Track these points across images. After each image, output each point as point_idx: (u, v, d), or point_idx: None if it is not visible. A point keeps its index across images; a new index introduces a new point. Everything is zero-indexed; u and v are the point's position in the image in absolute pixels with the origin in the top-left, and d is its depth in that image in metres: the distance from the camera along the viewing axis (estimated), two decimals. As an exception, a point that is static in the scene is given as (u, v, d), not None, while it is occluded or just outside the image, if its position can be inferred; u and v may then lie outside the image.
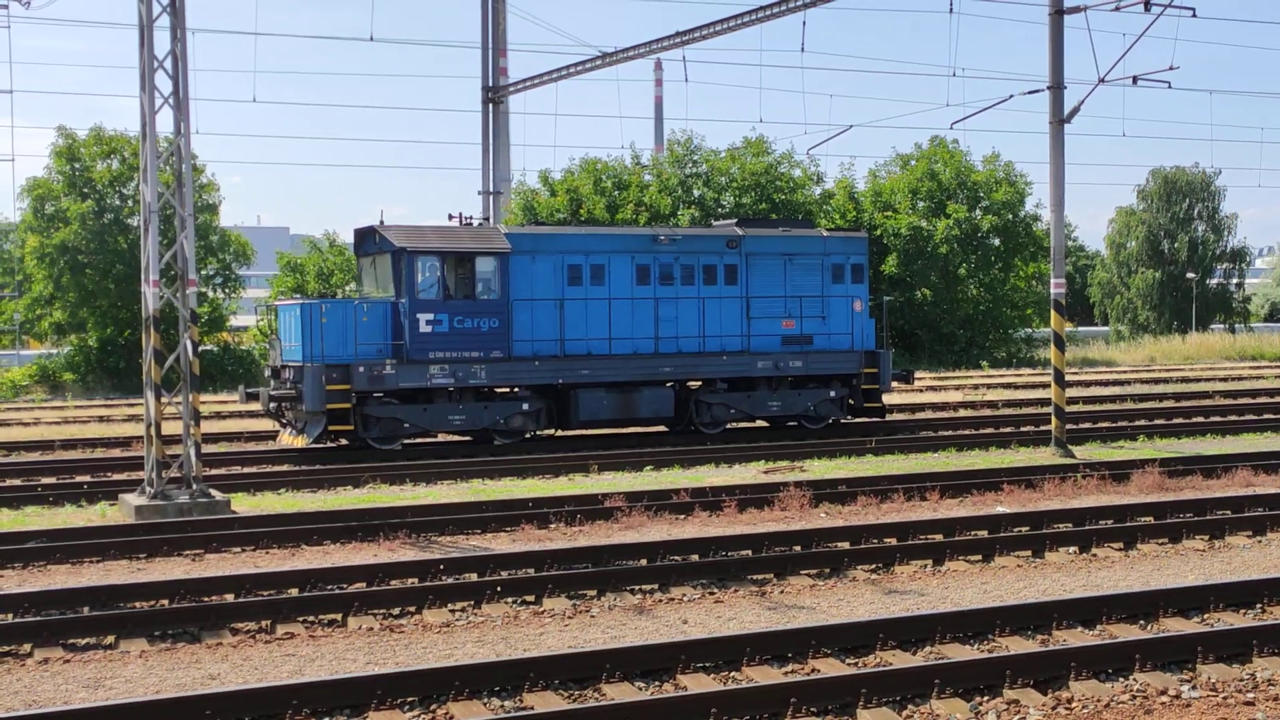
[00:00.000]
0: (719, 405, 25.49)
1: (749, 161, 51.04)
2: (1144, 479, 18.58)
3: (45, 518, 16.91)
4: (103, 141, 44.54)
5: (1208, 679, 9.26)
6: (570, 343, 24.16)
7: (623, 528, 15.66)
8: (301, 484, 19.59)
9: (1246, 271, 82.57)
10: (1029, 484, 18.23)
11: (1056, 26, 22.93)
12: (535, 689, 9.03)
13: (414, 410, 23.19)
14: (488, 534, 15.37)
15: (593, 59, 38.79)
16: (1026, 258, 54.99)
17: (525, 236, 24.49)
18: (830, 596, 12.02)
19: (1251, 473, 19.30)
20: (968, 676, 9.06)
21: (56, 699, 9.14)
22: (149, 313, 16.80)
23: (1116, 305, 78.11)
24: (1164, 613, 10.99)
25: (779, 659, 9.73)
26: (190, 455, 17.02)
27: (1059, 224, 23.66)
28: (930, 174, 54.60)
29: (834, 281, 26.28)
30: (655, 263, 24.86)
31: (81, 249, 42.91)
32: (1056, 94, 22.96)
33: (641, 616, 11.32)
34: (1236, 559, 13.66)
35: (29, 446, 25.07)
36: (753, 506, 16.72)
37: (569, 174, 50.20)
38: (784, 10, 31.46)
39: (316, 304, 23.48)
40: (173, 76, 16.93)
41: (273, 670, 9.78)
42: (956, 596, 11.98)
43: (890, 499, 17.30)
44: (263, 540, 14.66)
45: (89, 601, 11.59)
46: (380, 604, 11.56)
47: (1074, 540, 14.30)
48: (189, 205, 17.12)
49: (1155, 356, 57.94)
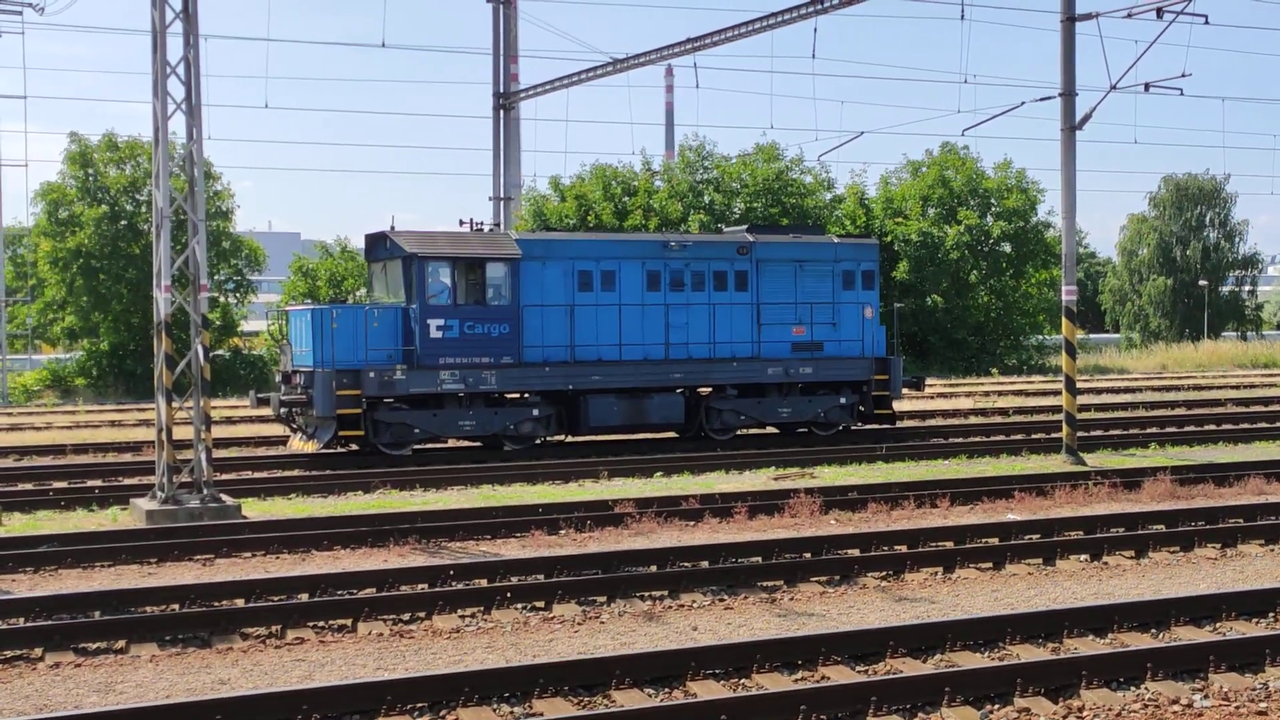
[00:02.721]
0: (729, 411, 25.47)
1: (760, 167, 51.05)
2: (1155, 487, 18.53)
3: (57, 522, 16.95)
4: (116, 147, 44.71)
5: (1220, 688, 9.22)
6: (580, 348, 24.16)
7: (633, 534, 15.65)
8: (312, 489, 19.62)
9: (1259, 279, 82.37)
10: (1040, 491, 18.18)
11: (1068, 33, 22.91)
12: (545, 695, 9.03)
13: (424, 416, 23.21)
14: (498, 540, 15.38)
15: (604, 65, 38.78)
16: (1038, 264, 54.94)
17: (536, 242, 24.51)
18: (840, 603, 12.00)
19: (1264, 481, 19.21)
20: (978, 684, 9.04)
21: (67, 703, 9.16)
22: (161, 318, 16.86)
23: (1128, 312, 77.91)
24: (1176, 621, 10.95)
25: (789, 666, 9.71)
26: (201, 460, 17.06)
27: (1070, 231, 23.63)
28: (941, 180, 54.57)
29: (845, 288, 26.25)
30: (666, 269, 24.86)
31: (94, 254, 43.08)
32: (1068, 101, 22.93)
33: (651, 623, 11.31)
34: (1249, 567, 13.61)
35: (41, 451, 25.15)
36: (763, 513, 16.69)
37: (579, 180, 50.23)
38: (795, 17, 31.41)
39: (328, 309, 23.50)
40: (185, 82, 17.00)
41: (283, 675, 9.79)
42: (967, 604, 11.95)
43: (901, 506, 17.27)
44: (273, 545, 14.69)
45: (100, 606, 11.62)
46: (390, 609, 11.57)
47: (1085, 548, 14.26)
48: (201, 211, 17.18)
49: (1167, 364, 57.80)
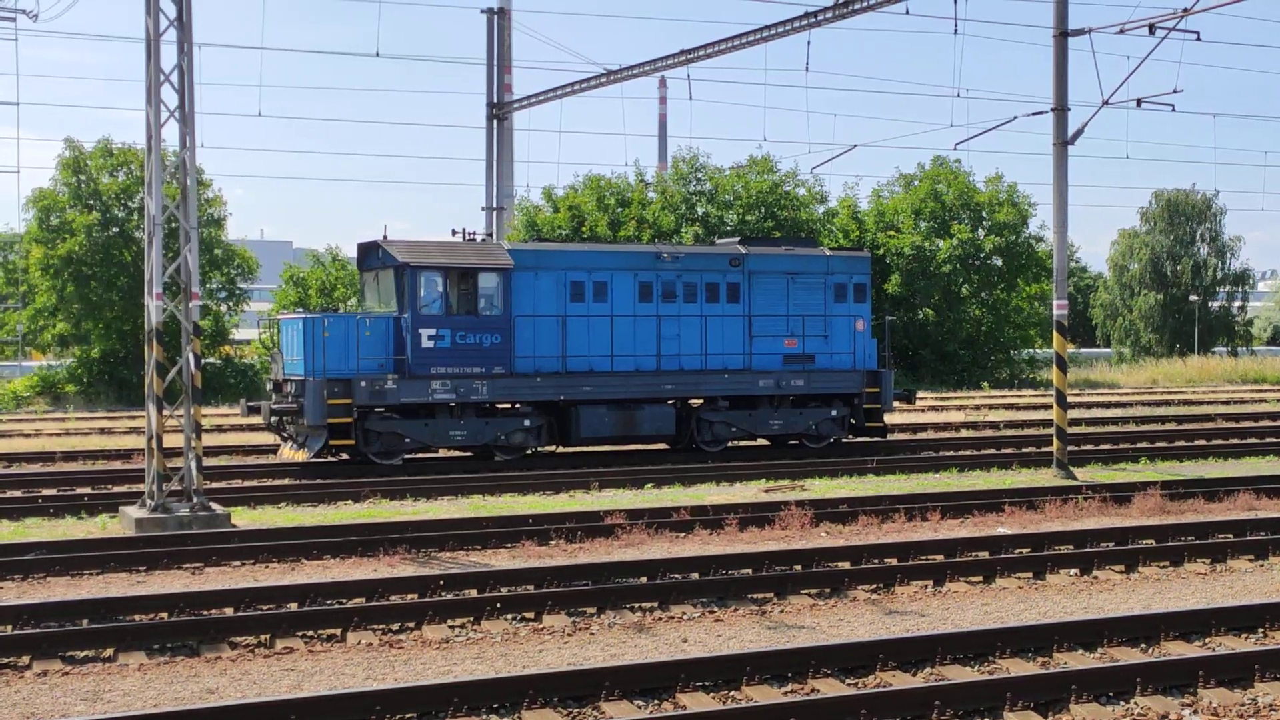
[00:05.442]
0: (720, 423, 25.47)
1: (755, 180, 51.13)
2: (1145, 501, 18.55)
3: (45, 529, 16.88)
4: (110, 154, 44.65)
5: (1209, 703, 9.24)
6: (572, 359, 24.16)
7: (623, 545, 15.64)
8: (302, 498, 19.58)
9: (1249, 294, 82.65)
10: (1030, 505, 18.20)
11: (1061, 49, 23.00)
12: (534, 706, 9.01)
13: (415, 425, 23.19)
14: (488, 550, 15.34)
15: (597, 76, 38.82)
16: (1029, 278, 55.07)
17: (528, 253, 24.52)
18: (830, 616, 12.00)
19: (1253, 496, 19.26)
20: (968, 698, 9.04)
21: (55, 711, 9.13)
22: (152, 325, 16.83)
23: (1119, 327, 78.14)
24: (1165, 636, 10.96)
25: (779, 678, 9.70)
26: (191, 468, 17.02)
27: (1062, 245, 23.70)
28: (933, 194, 54.70)
29: (836, 301, 26.30)
30: (658, 280, 24.87)
31: (86, 261, 42.98)
32: (1060, 116, 23.02)
33: (641, 634, 11.30)
34: (1238, 582, 13.63)
35: (30, 458, 25.07)
36: (753, 525, 16.69)
37: (572, 190, 50.27)
38: (788, 30, 31.48)
39: (319, 318, 23.49)
40: (179, 90, 17.00)
41: (271, 685, 9.76)
42: (957, 617, 11.95)
43: (891, 519, 17.27)
44: (262, 554, 14.65)
45: (88, 614, 11.58)
46: (380, 619, 11.55)
47: (1075, 562, 14.28)
48: (193, 218, 17.16)
49: (1157, 379, 57.95)
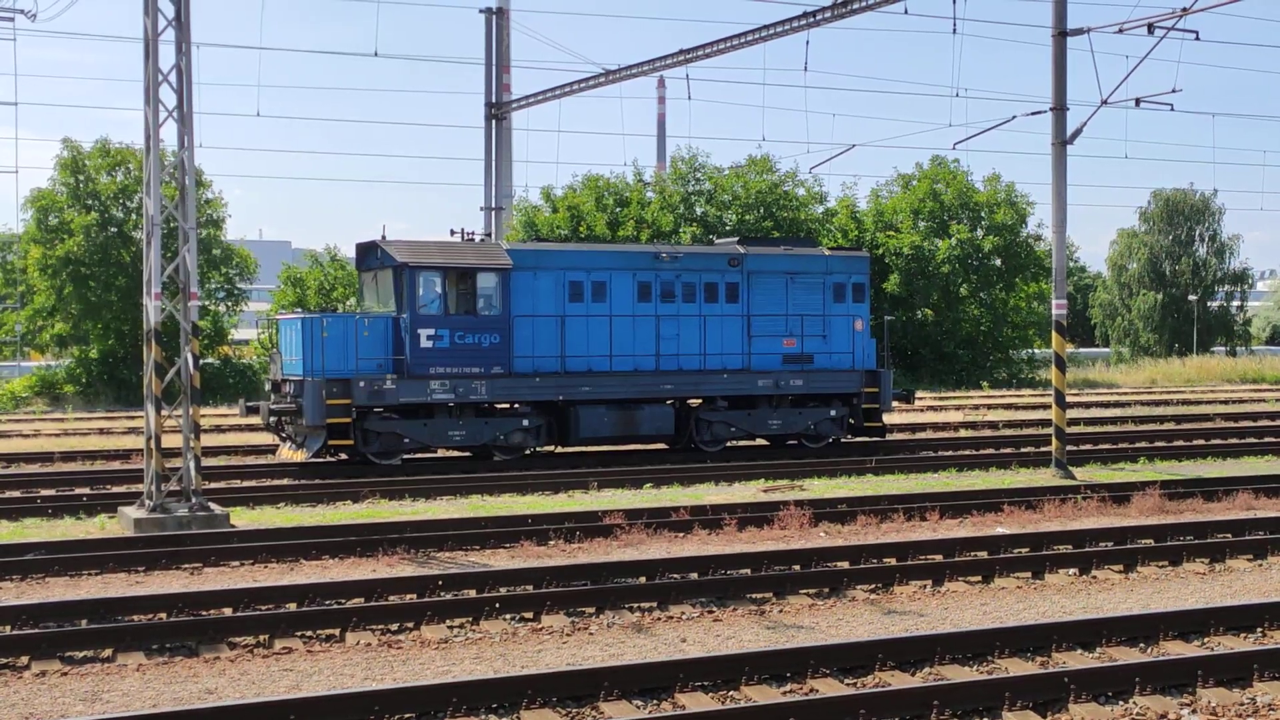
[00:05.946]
0: (719, 423, 25.47)
1: (753, 179, 51.13)
2: (1144, 501, 18.56)
3: (44, 530, 16.87)
4: (108, 154, 44.64)
5: (1208, 703, 9.24)
6: (571, 359, 24.16)
7: (622, 545, 15.64)
8: (301, 498, 19.58)
9: (1248, 294, 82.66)
10: (1029, 505, 18.20)
11: (1059, 48, 22.99)
12: (533, 706, 9.01)
13: (414, 425, 23.18)
14: (487, 550, 15.34)
15: (596, 76, 38.83)
16: (1028, 278, 55.10)
17: (527, 253, 24.51)
18: (829, 616, 12.00)
19: (1252, 496, 19.27)
20: (966, 698, 9.04)
21: (53, 712, 9.12)
22: (150, 325, 16.82)
23: (1118, 327, 78.15)
24: (1164, 636, 10.97)
25: (778, 678, 9.70)
26: (190, 468, 17.01)
27: (1060, 245, 23.70)
28: (932, 194, 54.73)
29: (835, 300, 26.30)
30: (657, 280, 24.87)
31: (84, 261, 42.99)
32: (1059, 115, 23.02)
33: (640, 634, 11.30)
34: (1237, 582, 13.64)
35: (29, 458, 25.06)
36: (752, 525, 16.69)
37: (570, 190, 50.28)
38: (787, 30, 31.49)
39: (318, 318, 23.49)
40: (177, 90, 16.98)
41: (270, 685, 9.76)
42: (956, 617, 11.95)
43: (890, 519, 17.28)
44: (261, 554, 14.65)
45: (87, 614, 11.57)
46: (378, 619, 11.55)
47: (1074, 562, 14.28)
48: (192, 219, 17.14)
49: (1156, 378, 57.96)
